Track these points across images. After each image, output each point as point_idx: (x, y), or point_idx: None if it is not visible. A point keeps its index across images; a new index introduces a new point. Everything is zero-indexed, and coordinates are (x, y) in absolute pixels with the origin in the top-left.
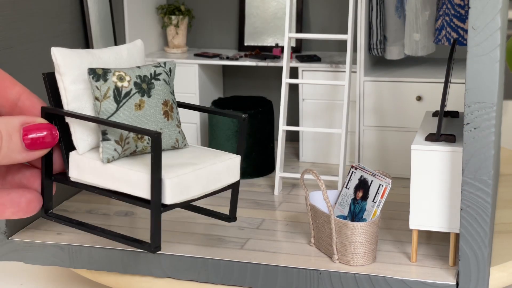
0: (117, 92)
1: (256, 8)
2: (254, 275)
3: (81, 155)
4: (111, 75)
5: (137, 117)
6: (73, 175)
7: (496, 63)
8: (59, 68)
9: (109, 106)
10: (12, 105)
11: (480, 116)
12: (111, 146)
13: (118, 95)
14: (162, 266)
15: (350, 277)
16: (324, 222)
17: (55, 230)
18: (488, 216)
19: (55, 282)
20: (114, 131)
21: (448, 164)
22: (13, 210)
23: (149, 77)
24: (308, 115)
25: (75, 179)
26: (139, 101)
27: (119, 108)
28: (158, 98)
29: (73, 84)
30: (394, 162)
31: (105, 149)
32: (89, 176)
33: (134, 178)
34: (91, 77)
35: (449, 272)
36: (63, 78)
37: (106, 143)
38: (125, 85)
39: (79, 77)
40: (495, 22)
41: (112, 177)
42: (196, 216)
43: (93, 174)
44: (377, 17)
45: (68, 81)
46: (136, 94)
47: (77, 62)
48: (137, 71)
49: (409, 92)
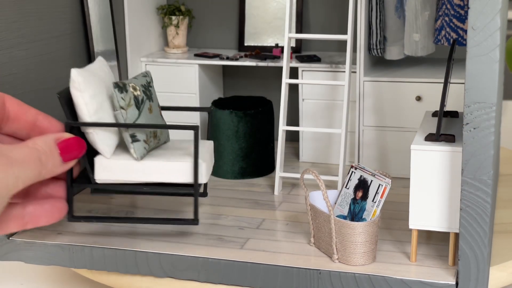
0: (136, 100)
1: (256, 9)
2: (254, 275)
3: (109, 159)
4: (128, 86)
5: (151, 119)
6: (101, 177)
7: (496, 63)
8: (80, 86)
9: (133, 113)
10: (31, 126)
11: (479, 116)
12: (141, 145)
13: (137, 102)
14: (162, 266)
15: (350, 277)
16: (324, 222)
17: (56, 230)
18: (487, 216)
19: (56, 281)
20: (141, 132)
21: (448, 164)
22: (47, 220)
23: (146, 85)
24: (308, 115)
25: (102, 180)
26: (150, 105)
27: (140, 113)
28: (156, 101)
29: (93, 98)
30: (394, 162)
31: (137, 149)
32: (122, 174)
33: (175, 167)
34: (116, 90)
35: (449, 272)
36: (83, 94)
37: (137, 143)
38: (139, 94)
39: (95, 92)
40: (494, 23)
41: (150, 170)
42: None
43: (126, 172)
44: (377, 17)
45: (88, 97)
46: (147, 100)
47: (91, 80)
48: (138, 81)
49: (409, 92)
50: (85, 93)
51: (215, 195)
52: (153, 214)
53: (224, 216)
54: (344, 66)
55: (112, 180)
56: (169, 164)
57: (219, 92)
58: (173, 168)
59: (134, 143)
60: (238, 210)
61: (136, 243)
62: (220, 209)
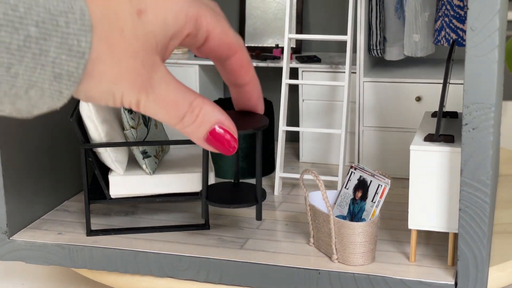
0: (144, 118)
1: (256, 9)
2: (254, 275)
3: (123, 175)
4: None
5: (157, 134)
6: (115, 192)
7: (495, 64)
8: (90, 113)
9: (142, 131)
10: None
11: (478, 116)
12: (152, 160)
13: (145, 120)
14: (162, 266)
15: (349, 277)
16: (324, 222)
17: (56, 230)
18: (486, 216)
19: (56, 281)
20: (151, 148)
21: (447, 164)
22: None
23: None
24: (308, 116)
25: (116, 195)
26: (155, 121)
27: (149, 130)
28: None
29: (103, 123)
30: (393, 162)
31: (149, 164)
32: (135, 189)
33: (186, 178)
34: (126, 111)
35: (448, 272)
36: (94, 118)
37: (149, 159)
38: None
39: (104, 116)
40: (493, 23)
41: (162, 183)
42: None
43: (140, 186)
44: (377, 18)
45: (98, 121)
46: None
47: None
48: None
49: (409, 92)
50: (95, 118)
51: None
52: (154, 214)
53: (224, 216)
54: (344, 67)
55: (126, 194)
56: (180, 176)
57: (219, 93)
58: (185, 179)
59: (145, 159)
60: (238, 210)
61: (136, 243)
62: (220, 209)
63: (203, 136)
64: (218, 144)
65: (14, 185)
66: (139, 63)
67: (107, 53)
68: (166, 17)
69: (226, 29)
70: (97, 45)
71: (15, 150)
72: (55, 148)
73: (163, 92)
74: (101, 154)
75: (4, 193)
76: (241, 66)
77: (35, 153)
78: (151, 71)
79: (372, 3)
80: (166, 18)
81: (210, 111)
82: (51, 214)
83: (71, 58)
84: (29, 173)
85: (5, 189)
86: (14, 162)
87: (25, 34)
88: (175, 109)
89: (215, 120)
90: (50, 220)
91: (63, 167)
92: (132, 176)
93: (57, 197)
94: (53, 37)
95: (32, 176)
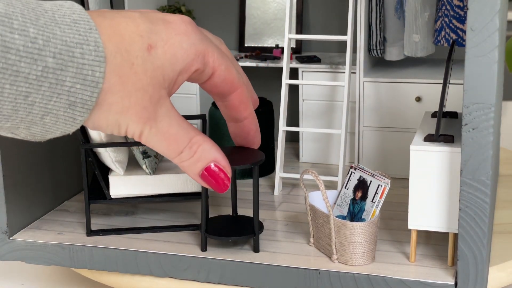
0: None
1: (256, 9)
2: (254, 275)
3: (123, 175)
4: None
5: None
6: (115, 193)
7: (495, 64)
8: None
9: None
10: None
11: (478, 116)
12: (152, 161)
13: None
14: (162, 266)
15: (349, 277)
16: (324, 222)
17: (56, 230)
18: (486, 217)
19: (56, 281)
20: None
21: (447, 164)
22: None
23: None
24: (308, 116)
25: (116, 196)
26: None
27: None
28: None
29: None
30: (393, 163)
31: (149, 164)
32: (135, 189)
33: (186, 179)
34: None
35: (448, 272)
36: None
37: (149, 159)
38: None
39: None
40: (493, 23)
41: (162, 183)
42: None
43: (140, 186)
44: (377, 18)
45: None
46: None
47: None
48: None
49: (409, 92)
50: None
51: (215, 195)
52: (154, 214)
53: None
54: (344, 67)
55: (126, 194)
56: (180, 176)
57: None
58: (185, 179)
59: (146, 159)
60: (238, 210)
61: (136, 243)
62: (220, 209)
63: (198, 172)
64: (212, 181)
65: (14, 185)
66: (146, 98)
67: (118, 85)
68: (175, 53)
69: (229, 66)
70: (109, 76)
71: (15, 150)
72: (55, 148)
73: (165, 126)
74: (101, 154)
75: (4, 193)
76: (241, 102)
77: (35, 153)
78: (157, 105)
79: (372, 3)
80: (175, 54)
81: (208, 149)
82: (51, 214)
83: (86, 87)
84: (29, 173)
85: (5, 189)
86: (14, 162)
87: (43, 65)
88: (175, 144)
89: (211, 158)
90: (50, 220)
91: (63, 167)
92: (132, 176)
93: (57, 197)
94: (69, 68)
95: (32, 176)
